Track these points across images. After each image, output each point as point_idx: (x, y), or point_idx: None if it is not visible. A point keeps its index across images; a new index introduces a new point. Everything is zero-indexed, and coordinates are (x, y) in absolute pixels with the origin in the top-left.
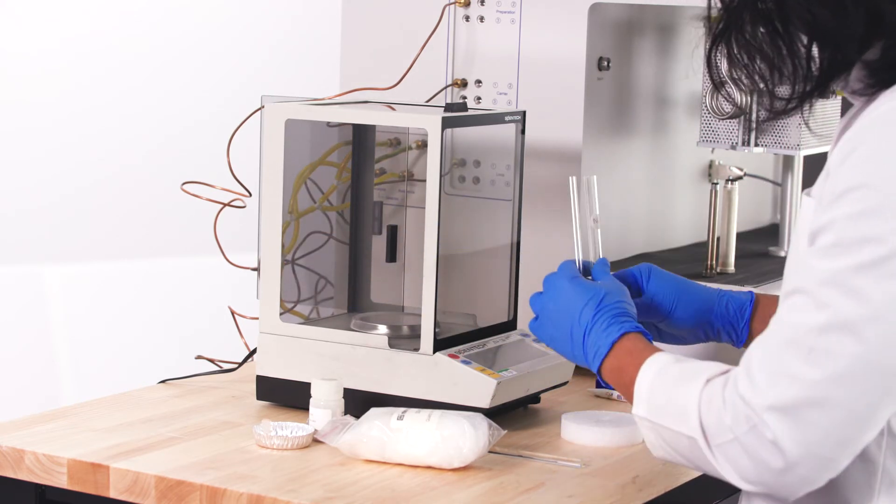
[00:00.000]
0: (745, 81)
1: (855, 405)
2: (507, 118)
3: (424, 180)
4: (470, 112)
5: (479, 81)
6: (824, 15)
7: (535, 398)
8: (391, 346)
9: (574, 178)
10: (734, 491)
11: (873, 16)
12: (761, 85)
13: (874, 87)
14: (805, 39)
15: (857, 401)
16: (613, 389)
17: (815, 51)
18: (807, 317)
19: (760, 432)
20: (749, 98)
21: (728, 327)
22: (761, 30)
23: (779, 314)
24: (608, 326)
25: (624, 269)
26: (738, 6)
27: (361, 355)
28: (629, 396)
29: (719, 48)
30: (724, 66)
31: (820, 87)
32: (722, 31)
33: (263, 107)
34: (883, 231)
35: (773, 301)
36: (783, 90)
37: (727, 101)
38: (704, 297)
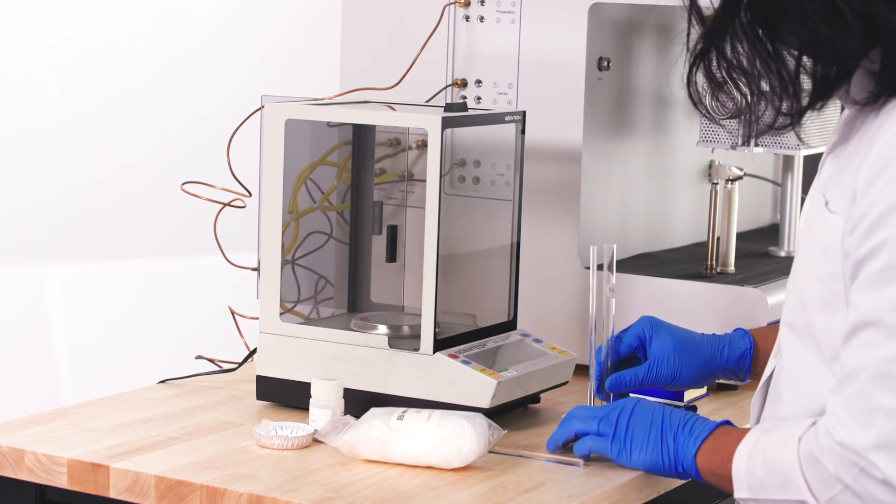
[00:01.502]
0: (728, 103)
1: None
2: (507, 118)
3: (424, 180)
4: (470, 112)
5: (479, 81)
6: (823, 30)
7: (535, 398)
8: (391, 346)
9: (594, 247)
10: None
11: (871, 24)
12: (745, 103)
13: (880, 96)
14: (795, 54)
15: None
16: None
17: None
18: (883, 349)
19: (870, 474)
20: (748, 101)
21: (730, 374)
22: (745, 48)
23: (850, 353)
24: (691, 430)
25: (627, 331)
26: (716, 25)
27: (361, 355)
28: (731, 487)
29: (698, 69)
30: (706, 85)
31: (818, 101)
32: (701, 53)
33: (263, 107)
34: None
35: (769, 337)
36: (776, 105)
37: (710, 113)
38: (706, 352)
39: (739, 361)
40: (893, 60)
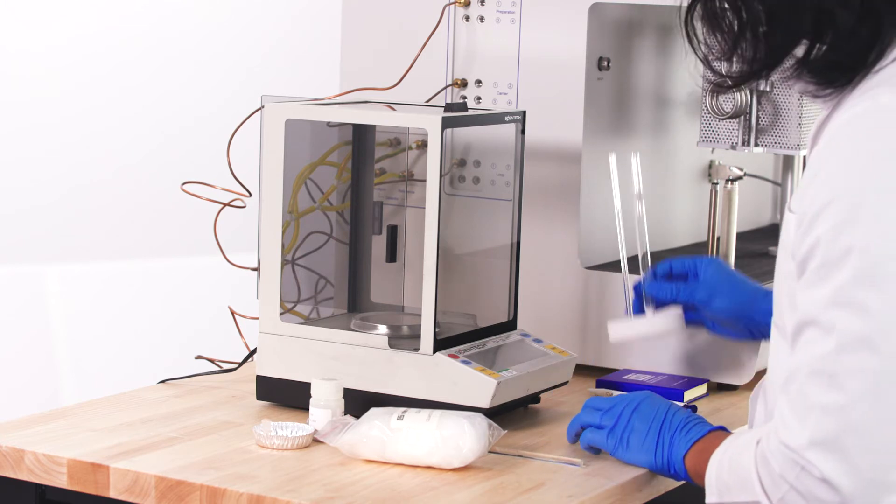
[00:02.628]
0: (706, 50)
1: (891, 416)
2: (507, 118)
3: (424, 180)
4: (470, 112)
5: (479, 81)
6: (780, 6)
7: (535, 398)
8: (391, 346)
9: (614, 154)
10: None
11: (824, 15)
12: (715, 56)
13: (823, 87)
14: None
15: (891, 412)
16: (614, 390)
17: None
18: (819, 346)
19: (809, 473)
20: (748, 99)
21: (764, 326)
22: (726, 5)
23: (794, 354)
24: (687, 432)
25: (693, 258)
26: None
27: (361, 355)
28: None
29: (693, 13)
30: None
31: (757, 73)
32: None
33: (263, 107)
34: (865, 239)
35: None
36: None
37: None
38: (750, 291)
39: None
40: (830, 55)
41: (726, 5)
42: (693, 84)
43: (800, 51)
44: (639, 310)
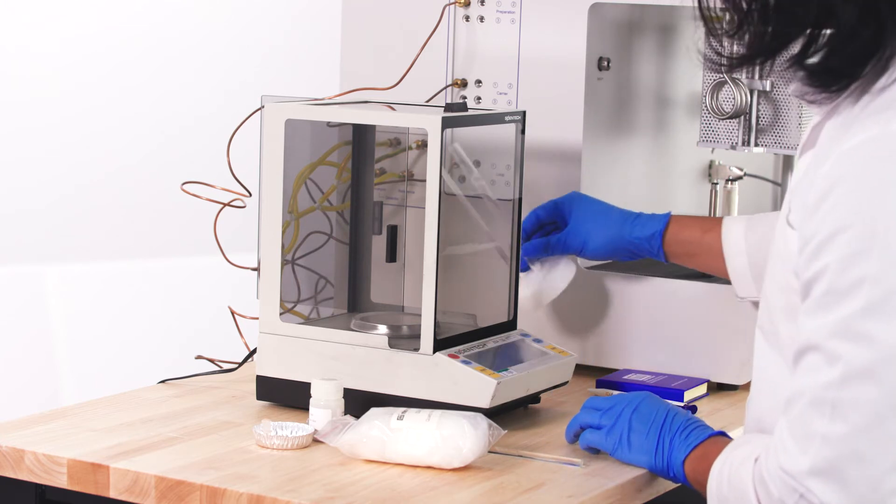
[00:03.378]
0: (717, 25)
1: (891, 448)
2: (507, 118)
3: (424, 180)
4: (470, 112)
5: (479, 81)
6: None
7: (535, 398)
8: (391, 346)
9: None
10: None
11: (825, 8)
12: (721, 32)
13: (818, 91)
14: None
15: (891, 441)
16: (614, 390)
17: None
18: (822, 374)
19: (809, 501)
20: (748, 99)
21: (644, 251)
22: None
23: (795, 377)
24: (687, 436)
25: (554, 201)
26: None
27: (361, 355)
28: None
29: None
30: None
31: (753, 58)
32: None
33: (263, 107)
34: (876, 270)
35: (691, 226)
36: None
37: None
38: (616, 224)
39: (650, 240)
40: (830, 60)
41: None
42: (693, 83)
43: (797, 48)
44: (526, 268)
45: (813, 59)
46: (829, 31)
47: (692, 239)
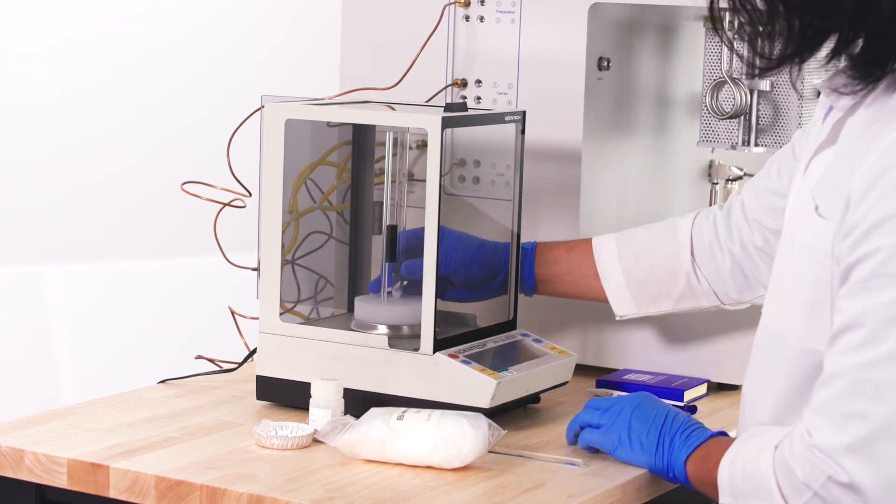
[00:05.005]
0: (739, 30)
1: None
2: (507, 118)
3: (424, 180)
4: (470, 112)
5: (479, 81)
6: None
7: (535, 398)
8: (391, 346)
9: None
10: None
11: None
12: (747, 38)
13: (857, 81)
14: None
15: None
16: (614, 391)
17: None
18: (864, 354)
19: (837, 480)
20: (748, 98)
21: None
22: None
23: (832, 357)
24: (688, 437)
25: (418, 230)
26: None
27: (361, 355)
28: (716, 495)
29: None
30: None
31: (794, 53)
32: None
33: (263, 107)
34: None
35: (552, 242)
36: (758, 46)
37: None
38: (488, 251)
39: (523, 263)
40: (874, 49)
41: None
42: (693, 83)
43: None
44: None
45: (853, 50)
46: (866, 22)
47: (558, 258)
